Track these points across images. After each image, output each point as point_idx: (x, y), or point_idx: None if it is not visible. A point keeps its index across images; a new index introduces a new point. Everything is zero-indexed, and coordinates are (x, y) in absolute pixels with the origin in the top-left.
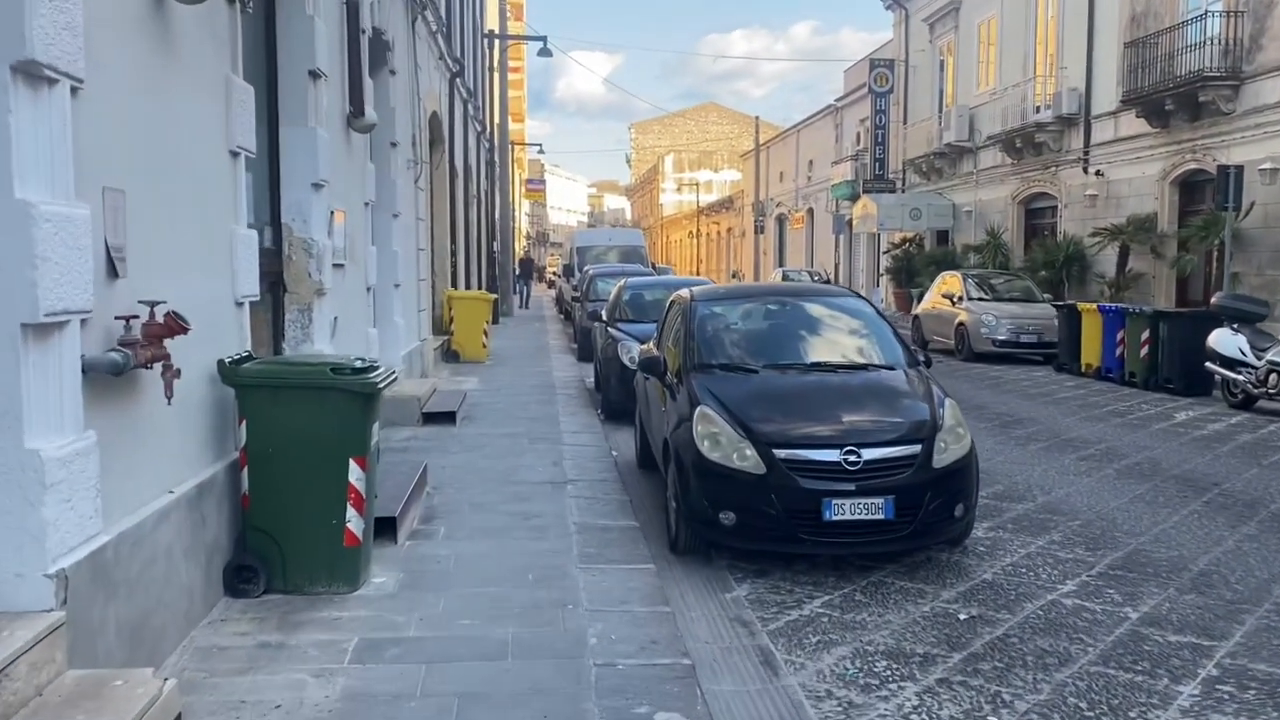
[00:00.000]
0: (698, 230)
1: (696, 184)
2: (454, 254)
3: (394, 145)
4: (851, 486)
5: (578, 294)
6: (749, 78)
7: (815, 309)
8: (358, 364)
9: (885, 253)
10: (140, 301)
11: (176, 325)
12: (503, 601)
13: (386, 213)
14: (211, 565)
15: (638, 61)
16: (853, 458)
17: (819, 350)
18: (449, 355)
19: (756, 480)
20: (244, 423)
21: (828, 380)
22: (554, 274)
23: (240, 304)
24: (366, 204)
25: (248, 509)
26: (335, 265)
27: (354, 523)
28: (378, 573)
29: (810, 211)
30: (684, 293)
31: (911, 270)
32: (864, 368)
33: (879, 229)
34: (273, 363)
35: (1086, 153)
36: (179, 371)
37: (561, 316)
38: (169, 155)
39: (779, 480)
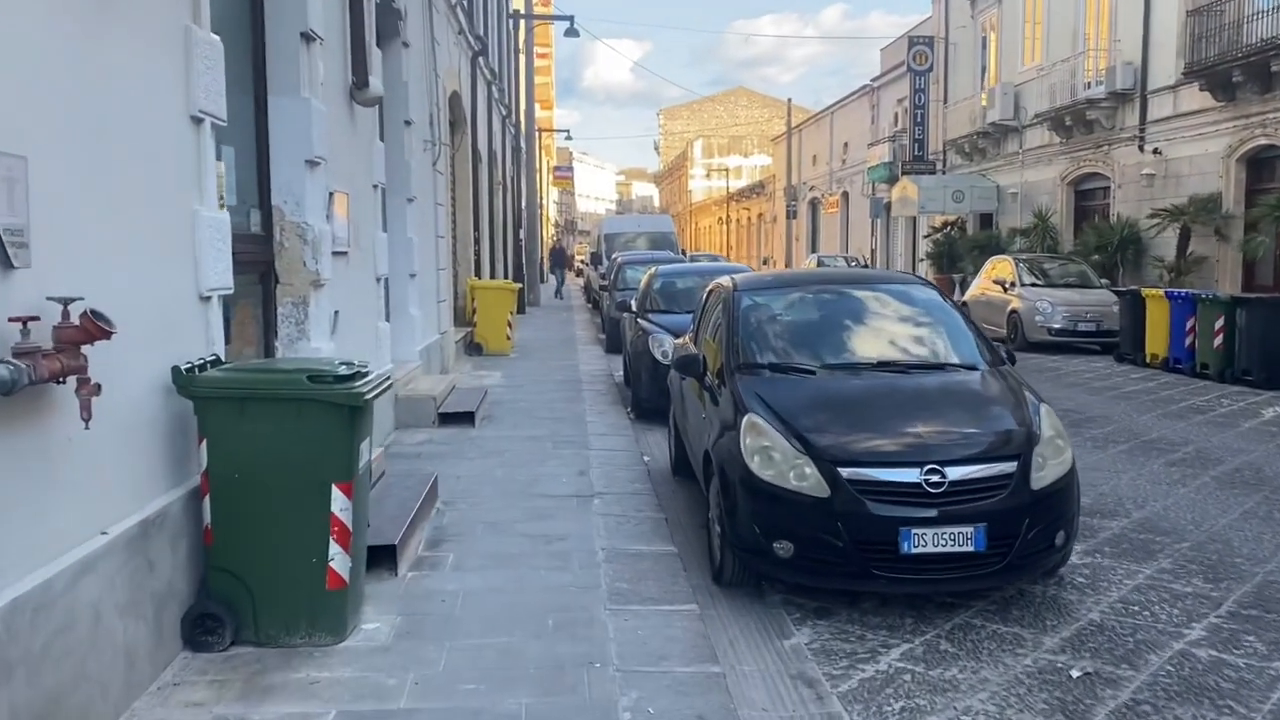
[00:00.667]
0: (727, 216)
1: (726, 169)
2: (477, 242)
3: (408, 124)
4: (934, 513)
5: (606, 283)
6: (778, 63)
7: (876, 298)
8: (341, 370)
9: (925, 237)
10: (50, 299)
11: (96, 328)
12: (516, 657)
13: (400, 197)
14: (163, 617)
15: (666, 48)
16: (935, 478)
17: (885, 347)
18: (472, 348)
19: (818, 504)
20: (204, 442)
21: (899, 383)
22: (582, 262)
23: (206, 298)
24: (376, 186)
25: (211, 546)
26: (336, 253)
27: (338, 561)
28: (371, 615)
29: (845, 195)
30: (724, 281)
31: (953, 255)
32: (939, 367)
33: (919, 212)
34: (238, 369)
35: (1142, 130)
36: (98, 387)
37: (589, 306)
38: (101, 117)
39: (846, 505)
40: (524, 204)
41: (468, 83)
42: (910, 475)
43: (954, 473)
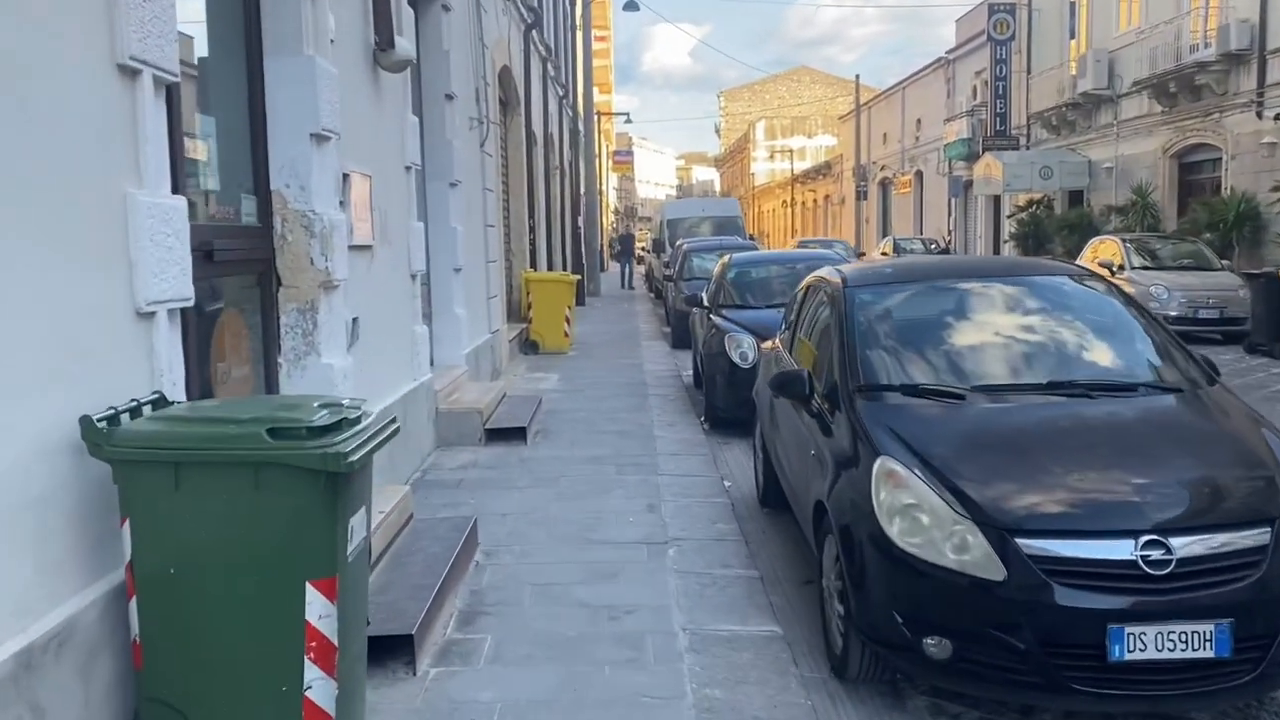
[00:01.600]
0: (792, 199)
1: (790, 151)
2: (532, 230)
3: (450, 99)
4: (1158, 601)
5: (670, 271)
6: (838, 43)
7: (1028, 293)
8: (320, 416)
9: (1010, 217)
10: None
11: None
12: None
13: (441, 181)
14: None
15: (724, 30)
16: (1157, 553)
17: (1055, 361)
18: (527, 346)
19: (988, 589)
20: (127, 523)
21: (1083, 413)
22: (643, 249)
23: (147, 314)
24: (409, 168)
25: (141, 669)
26: (355, 248)
27: (318, 689)
28: None
29: (918, 174)
30: (828, 274)
31: (1040, 236)
32: (1132, 389)
33: (1004, 190)
34: (174, 419)
35: (1260, 95)
36: None
37: (652, 295)
38: None
39: (1028, 591)
40: (583, 189)
41: (519, 57)
42: (1120, 549)
43: (1182, 545)
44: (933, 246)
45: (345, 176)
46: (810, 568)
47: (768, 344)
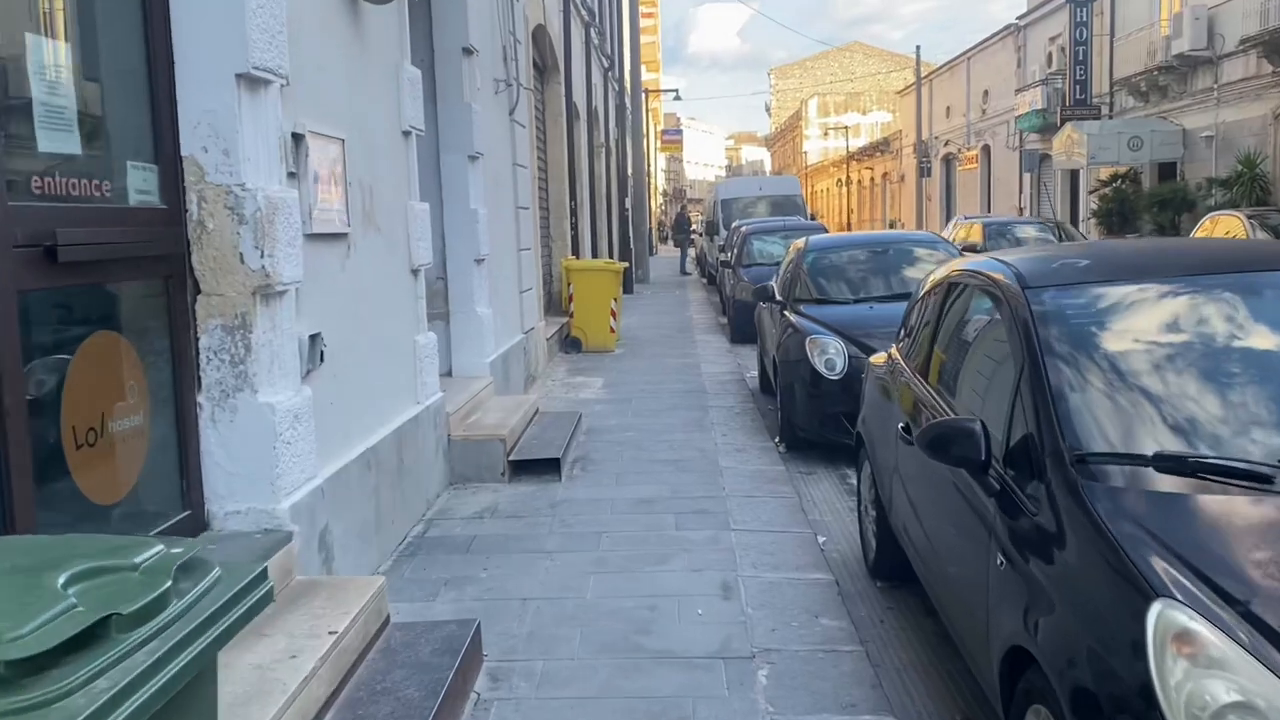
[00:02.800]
0: (847, 177)
1: (845, 128)
2: (574, 214)
3: (468, 53)
4: None
5: (726, 257)
6: (886, 20)
7: None
8: (38, 634)
9: (1092, 192)
10: None
11: None
12: None
13: (458, 153)
14: None
15: (772, 10)
16: None
17: None
18: (568, 343)
19: None
20: None
21: None
22: (694, 232)
23: None
24: (407, 133)
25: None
26: (319, 237)
27: None
28: None
29: (985, 149)
30: (985, 268)
31: (1126, 213)
32: None
33: (1088, 163)
34: None
35: None
36: None
37: (704, 281)
38: None
39: None
40: (630, 169)
41: (557, 17)
42: None
43: None
44: None
45: (298, 138)
46: (970, 686)
47: (878, 357)
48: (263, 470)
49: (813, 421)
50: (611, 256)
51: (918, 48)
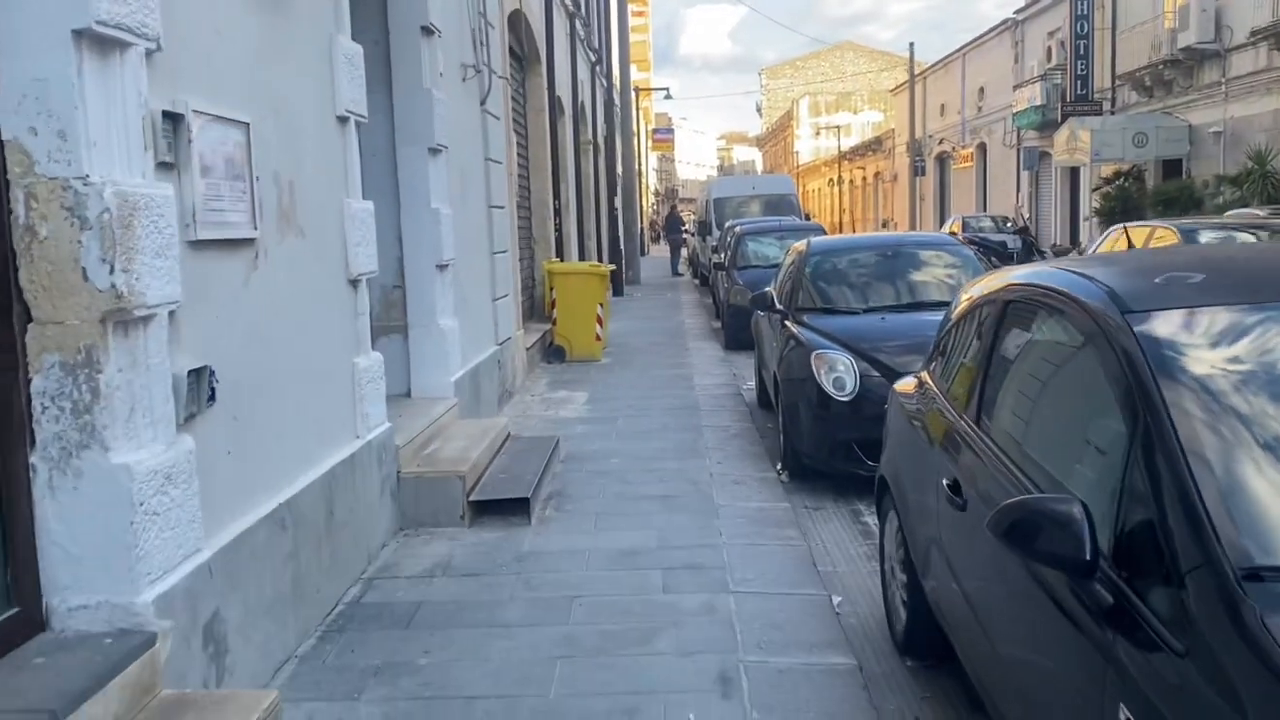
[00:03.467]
0: (839, 177)
1: (837, 128)
2: (558, 213)
3: (429, 33)
4: None
5: (720, 258)
6: (876, 21)
7: None
8: None
9: (1095, 190)
10: None
11: None
12: None
13: (416, 145)
14: None
15: (763, 10)
16: None
17: None
18: (551, 353)
19: None
20: None
21: None
22: (686, 231)
23: None
24: (344, 119)
25: None
26: (211, 244)
27: None
28: None
29: (981, 147)
30: (1067, 285)
31: (1130, 212)
32: None
33: (1092, 160)
34: None
35: None
36: None
37: (696, 282)
38: None
39: None
40: (620, 168)
41: (538, 2)
42: None
43: None
44: (1008, 225)
45: (175, 118)
46: None
47: (905, 384)
48: (117, 551)
49: (820, 449)
50: (601, 258)
51: (911, 44)
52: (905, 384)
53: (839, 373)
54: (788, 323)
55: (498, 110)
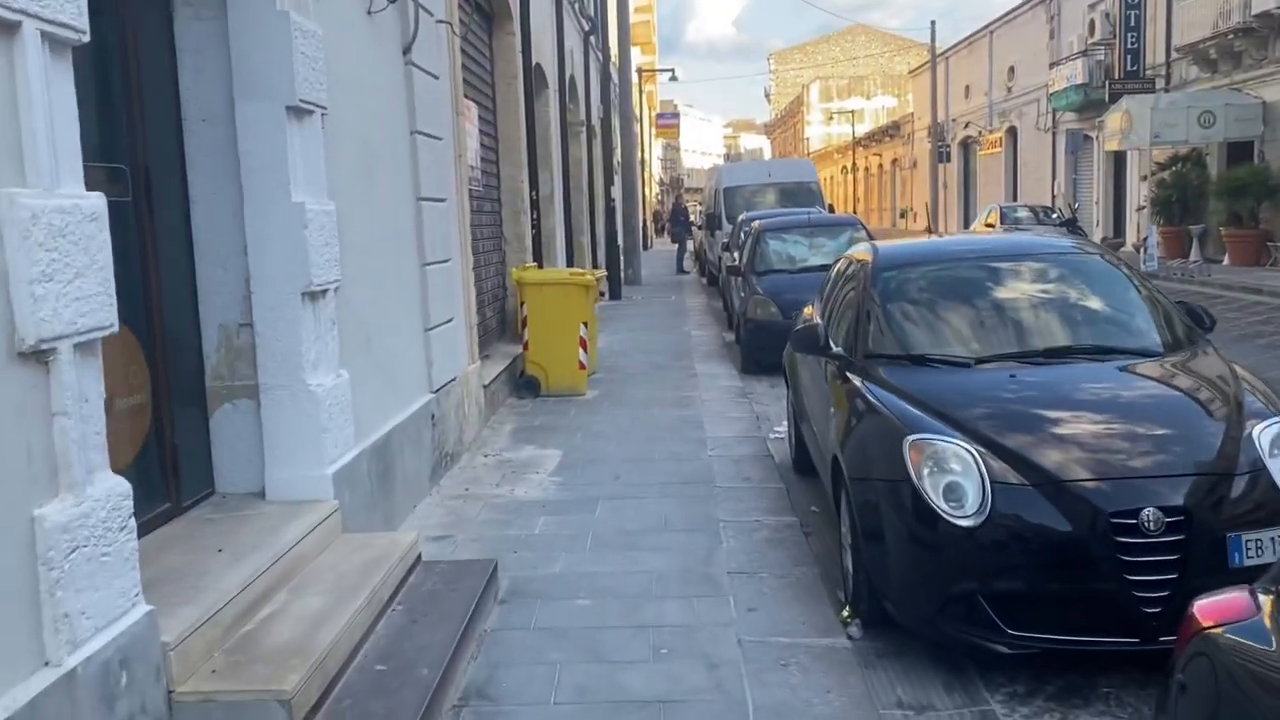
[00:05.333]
0: (853, 164)
1: (851, 114)
2: (536, 206)
3: None
4: None
5: (734, 260)
6: (884, 8)
7: None
8: None
9: (1146, 177)
10: None
11: None
12: None
13: (266, 101)
14: None
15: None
16: None
17: None
18: (522, 385)
19: None
20: None
21: None
22: (693, 224)
23: None
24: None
25: None
26: None
27: None
28: None
29: (1011, 131)
30: None
31: (1189, 202)
32: None
33: (1152, 143)
34: None
35: None
36: None
37: (704, 281)
38: None
39: None
40: (619, 154)
41: None
42: None
43: None
44: (1053, 216)
45: None
46: None
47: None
48: None
49: (919, 601)
50: (595, 257)
51: (932, 22)
52: None
53: (953, 475)
54: (853, 377)
55: (435, 66)
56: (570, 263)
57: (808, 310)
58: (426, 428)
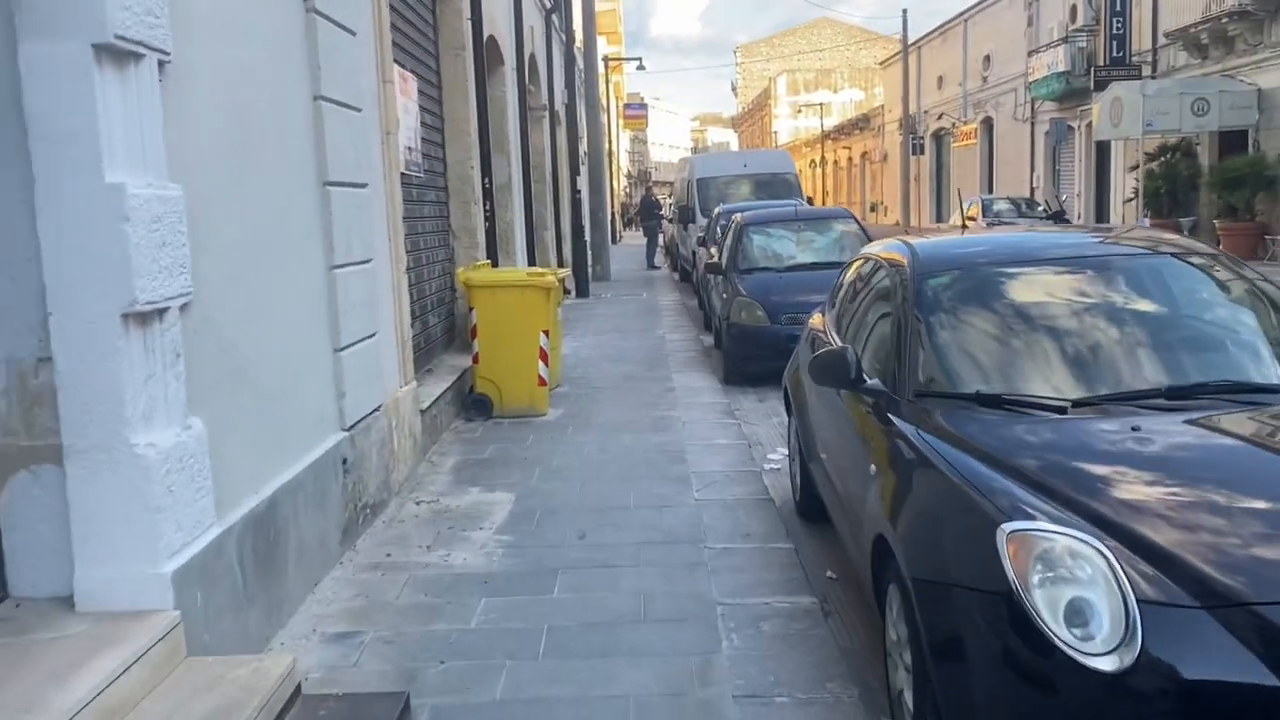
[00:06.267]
0: (822, 157)
1: (819, 106)
2: (489, 196)
3: None
4: None
5: (710, 254)
6: (846, 3)
7: None
8: None
9: (1136, 168)
10: None
11: None
12: None
13: (63, 40)
14: None
15: None
16: None
17: None
18: (471, 405)
19: None
20: None
21: None
22: (664, 217)
23: None
24: None
25: None
26: None
27: None
28: None
29: (986, 122)
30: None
31: (1179, 194)
32: None
33: (1144, 131)
34: None
35: None
36: None
37: (676, 276)
38: None
39: None
40: (585, 143)
41: None
42: None
43: None
44: (1038, 210)
45: None
46: None
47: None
48: None
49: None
50: (560, 252)
51: (904, 10)
52: None
53: (1079, 587)
54: (901, 423)
55: (351, 20)
56: (532, 259)
57: (815, 320)
58: (335, 478)
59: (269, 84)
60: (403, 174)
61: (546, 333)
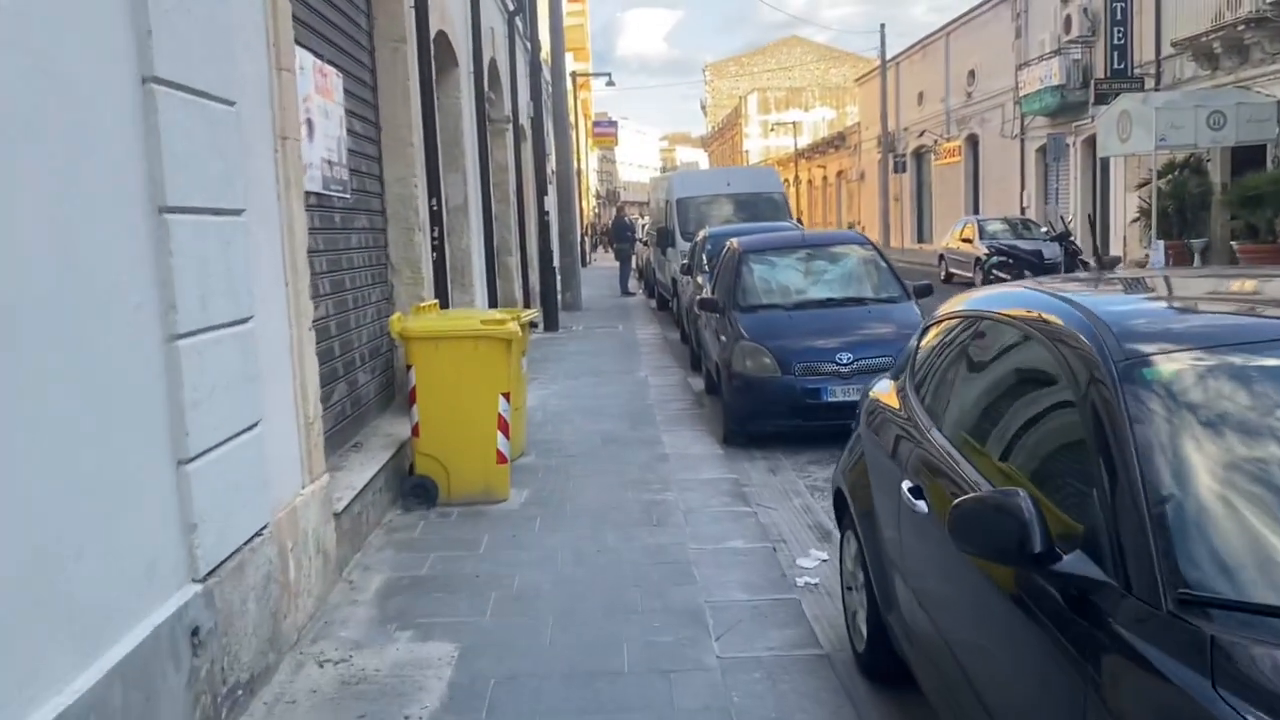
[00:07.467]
0: (795, 176)
1: (792, 124)
2: (438, 220)
3: None
4: None
5: (707, 291)
6: (810, 25)
7: None
8: None
9: (1142, 186)
10: None
11: None
12: None
13: None
14: None
15: (698, 17)
16: None
17: None
18: (410, 491)
19: None
20: None
21: None
22: (638, 240)
23: None
24: None
25: None
26: None
27: None
28: None
29: (971, 139)
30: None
31: (1188, 212)
32: None
33: (1157, 146)
34: None
35: None
36: None
37: (653, 304)
38: None
39: None
40: (553, 161)
41: None
42: None
43: None
44: (1043, 232)
45: None
46: None
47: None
48: None
49: None
50: (526, 282)
51: (882, 26)
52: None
53: None
54: (1172, 670)
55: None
56: (493, 291)
57: (884, 396)
58: (174, 665)
59: (47, 50)
60: (318, 194)
61: (507, 395)
